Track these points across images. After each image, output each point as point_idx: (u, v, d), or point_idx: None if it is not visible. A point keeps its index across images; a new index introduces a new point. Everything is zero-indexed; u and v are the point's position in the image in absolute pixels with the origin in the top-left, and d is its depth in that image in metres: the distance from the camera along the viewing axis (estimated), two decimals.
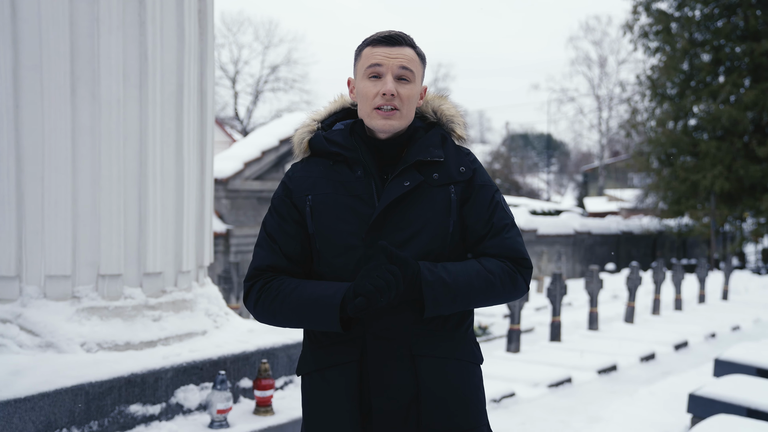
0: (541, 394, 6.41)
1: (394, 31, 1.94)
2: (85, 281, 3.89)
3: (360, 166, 1.93)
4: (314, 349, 1.94)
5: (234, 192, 12.51)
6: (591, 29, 46.36)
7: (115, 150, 3.91)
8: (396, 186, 1.88)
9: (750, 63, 20.58)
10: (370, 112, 1.91)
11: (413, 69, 1.92)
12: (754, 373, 5.68)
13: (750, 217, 22.37)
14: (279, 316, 1.88)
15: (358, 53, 1.98)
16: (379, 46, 1.92)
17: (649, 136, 23.07)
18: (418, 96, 1.96)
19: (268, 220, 1.98)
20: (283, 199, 1.97)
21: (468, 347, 1.94)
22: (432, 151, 1.93)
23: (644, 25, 22.75)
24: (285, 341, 4.37)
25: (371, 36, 1.96)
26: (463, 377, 1.91)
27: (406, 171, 1.90)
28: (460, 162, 1.97)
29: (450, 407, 1.87)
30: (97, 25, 3.87)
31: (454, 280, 1.83)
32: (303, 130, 2.03)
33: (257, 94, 40.05)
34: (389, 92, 1.88)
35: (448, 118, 2.05)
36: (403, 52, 1.92)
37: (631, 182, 43.22)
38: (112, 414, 3.54)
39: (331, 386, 1.88)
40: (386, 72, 1.90)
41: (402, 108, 1.91)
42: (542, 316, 11.83)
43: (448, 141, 2.01)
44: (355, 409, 1.86)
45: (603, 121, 42.46)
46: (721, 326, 10.45)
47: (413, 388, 1.86)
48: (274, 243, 1.93)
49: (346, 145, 1.95)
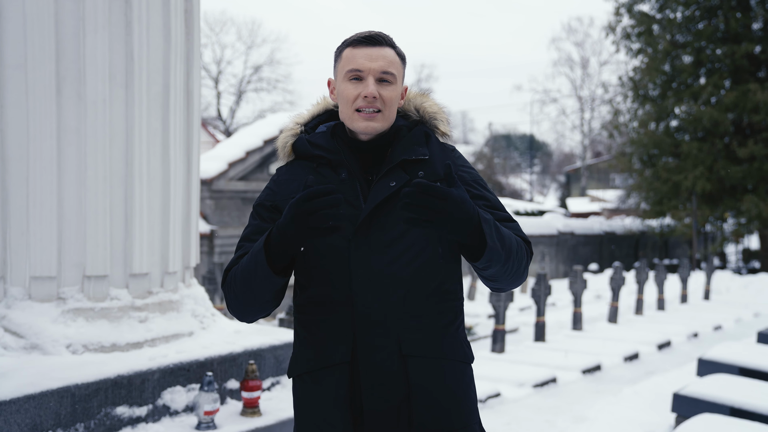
0: (527, 394, 6.43)
1: (374, 32, 1.93)
2: (70, 282, 3.86)
3: (344, 169, 1.91)
4: (304, 350, 1.93)
5: (218, 192, 12.46)
6: (573, 30, 46.70)
7: (101, 150, 3.88)
8: (382, 187, 1.87)
9: (730, 65, 20.77)
10: (351, 114, 1.90)
11: (394, 71, 1.91)
12: (736, 373, 5.74)
13: (731, 218, 22.58)
14: (240, 296, 1.85)
15: (338, 55, 1.96)
16: (359, 48, 1.90)
17: (632, 137, 23.23)
18: (399, 97, 1.95)
19: (248, 224, 1.98)
20: (264, 204, 1.96)
21: (459, 346, 1.93)
22: (416, 150, 1.93)
23: (626, 27, 22.90)
24: (272, 342, 4.36)
25: (351, 37, 1.94)
26: (454, 376, 1.90)
27: (392, 171, 1.89)
28: (446, 159, 1.96)
29: (441, 406, 1.87)
30: (82, 25, 3.84)
31: (500, 228, 1.79)
32: (286, 134, 2.03)
33: (240, 94, 39.91)
34: (371, 95, 1.87)
35: (430, 116, 2.04)
36: (384, 53, 1.90)
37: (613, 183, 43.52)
38: (99, 416, 3.51)
39: (322, 388, 1.88)
40: (367, 75, 1.88)
41: (384, 110, 1.90)
42: (526, 317, 11.89)
43: (432, 138, 2.00)
44: (347, 410, 1.86)
45: (585, 122, 42.75)
46: (704, 326, 10.55)
47: (404, 388, 1.85)
48: (251, 244, 1.92)
49: (328, 148, 1.93)
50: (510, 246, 1.80)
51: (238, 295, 1.86)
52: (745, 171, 19.99)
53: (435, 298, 1.89)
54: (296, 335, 1.97)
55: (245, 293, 1.84)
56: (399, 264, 1.85)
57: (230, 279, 1.89)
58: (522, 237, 1.93)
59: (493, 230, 1.74)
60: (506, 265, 1.80)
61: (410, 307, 1.86)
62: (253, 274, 1.79)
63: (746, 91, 19.67)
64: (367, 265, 1.84)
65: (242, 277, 1.83)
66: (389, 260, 1.85)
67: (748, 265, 24.61)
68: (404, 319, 1.86)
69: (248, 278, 1.81)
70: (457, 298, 1.96)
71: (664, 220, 23.89)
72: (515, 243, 1.84)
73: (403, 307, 1.85)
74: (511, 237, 1.83)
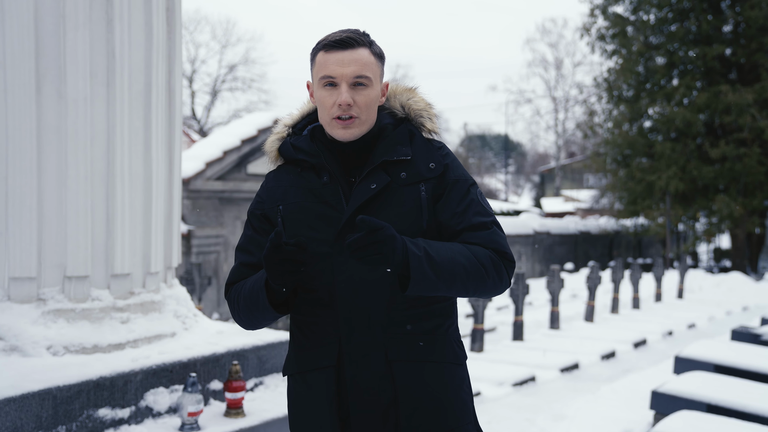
0: (506, 393, 6.47)
1: (346, 33, 1.87)
2: (51, 283, 3.81)
3: (326, 172, 1.90)
4: (297, 350, 1.94)
5: (195, 192, 12.37)
6: (547, 32, 47.01)
7: (82, 149, 3.84)
8: (363, 189, 1.85)
9: (702, 66, 21.04)
10: (329, 121, 1.88)
11: (368, 74, 1.86)
12: (712, 370, 5.82)
13: (703, 217, 22.89)
14: (244, 317, 1.93)
15: (312, 58, 1.92)
16: (332, 52, 1.85)
17: (606, 138, 23.45)
18: (377, 98, 1.91)
19: (243, 233, 1.99)
20: (254, 213, 1.98)
21: (448, 348, 1.91)
22: (399, 150, 1.89)
23: (601, 28, 23.10)
24: (255, 342, 4.34)
25: (324, 39, 1.89)
26: (442, 379, 1.89)
27: (373, 173, 1.87)
28: (431, 158, 1.92)
29: (429, 409, 1.86)
30: (63, 22, 3.79)
31: (438, 253, 1.76)
32: (273, 138, 2.00)
33: (215, 94, 39.63)
34: (345, 102, 1.83)
35: (416, 113, 2.00)
36: (356, 57, 1.85)
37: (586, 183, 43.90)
38: (81, 418, 3.47)
39: (312, 389, 1.88)
40: (340, 81, 1.84)
41: (361, 115, 1.86)
42: (504, 316, 11.95)
43: (416, 137, 1.96)
44: (334, 412, 1.86)
45: (559, 123, 43.04)
46: (678, 324, 10.68)
47: (390, 392, 1.84)
48: (246, 255, 1.96)
49: (310, 152, 1.91)
50: (452, 273, 1.76)
51: (242, 316, 1.93)
52: (717, 171, 20.28)
53: (421, 301, 1.87)
54: (291, 334, 1.98)
55: (249, 317, 1.91)
56: (381, 268, 1.81)
57: (233, 299, 1.94)
58: (495, 248, 1.87)
59: (423, 263, 1.72)
60: (451, 290, 1.78)
61: (395, 312, 1.84)
62: (254, 306, 1.86)
63: (717, 93, 19.95)
64: (350, 269, 1.83)
65: (245, 306, 1.89)
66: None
67: (719, 264, 24.98)
68: (389, 323, 1.84)
69: (251, 308, 1.88)
70: (445, 300, 1.93)
71: (638, 219, 24.15)
72: (469, 265, 1.79)
73: (387, 311, 1.84)
74: (458, 262, 1.77)
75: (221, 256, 13.16)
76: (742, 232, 21.32)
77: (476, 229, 1.87)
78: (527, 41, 48.06)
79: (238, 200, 13.49)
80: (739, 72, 21.59)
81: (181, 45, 4.55)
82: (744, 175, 19.95)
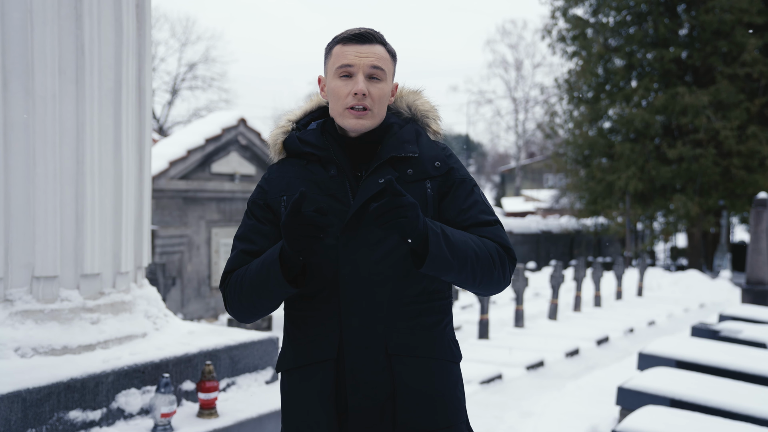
0: (474, 391, 6.52)
1: (365, 29, 1.93)
2: (18, 284, 3.73)
3: (333, 165, 1.92)
4: (293, 346, 1.93)
5: (159, 191, 12.21)
6: (507, 33, 47.46)
7: (50, 147, 3.76)
8: (370, 184, 1.87)
9: (660, 69, 21.46)
10: (342, 111, 1.90)
11: (384, 67, 1.92)
12: (674, 365, 5.94)
13: (660, 216, 23.35)
14: (245, 302, 1.88)
15: (328, 51, 1.96)
16: (350, 45, 1.90)
17: (567, 138, 23.77)
18: (389, 94, 1.96)
19: (242, 223, 1.98)
20: (257, 202, 1.97)
21: (446, 345, 1.94)
22: (406, 147, 1.93)
23: (562, 30, 23.41)
24: (227, 342, 4.30)
25: (341, 34, 1.94)
26: (440, 375, 1.91)
27: (380, 168, 1.90)
28: (436, 157, 1.97)
29: (426, 406, 1.88)
30: (30, 17, 3.72)
31: (452, 234, 1.79)
32: (277, 132, 2.02)
33: (174, 92, 39.16)
34: (360, 92, 1.87)
35: (422, 113, 2.05)
36: (374, 50, 1.91)
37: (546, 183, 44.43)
38: (51, 421, 3.41)
39: (308, 384, 1.88)
40: (357, 71, 1.89)
41: (373, 107, 1.90)
42: (469, 315, 12.03)
43: (422, 136, 2.00)
44: (332, 407, 1.86)
45: (519, 123, 43.49)
46: (638, 321, 10.88)
47: (389, 386, 1.86)
48: (248, 244, 1.93)
49: (318, 145, 1.93)
50: (465, 254, 1.78)
51: (243, 299, 1.88)
52: (674, 171, 20.70)
53: (422, 296, 1.90)
54: (286, 330, 1.97)
55: (252, 299, 1.86)
56: (386, 262, 1.86)
57: (234, 283, 1.89)
58: (501, 243, 1.91)
59: (441, 240, 1.74)
60: (462, 274, 1.79)
61: (397, 306, 1.87)
62: (262, 285, 1.81)
63: (675, 95, 20.37)
64: (355, 262, 1.85)
65: (250, 287, 1.84)
66: (377, 258, 1.85)
67: (676, 263, 25.51)
68: (391, 317, 1.86)
69: (258, 288, 1.83)
70: (445, 297, 1.96)
71: (598, 219, 24.53)
72: (480, 252, 1.82)
73: (389, 305, 1.86)
74: (470, 245, 1.81)
75: (185, 256, 13.02)
76: (698, 231, 21.80)
77: (482, 225, 1.92)
78: (488, 42, 48.52)
79: (202, 200, 13.36)
80: (694, 75, 22.07)
81: (150, 42, 4.49)
82: (700, 176, 20.40)
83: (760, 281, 10.54)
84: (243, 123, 13.80)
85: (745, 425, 4.19)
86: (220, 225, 13.68)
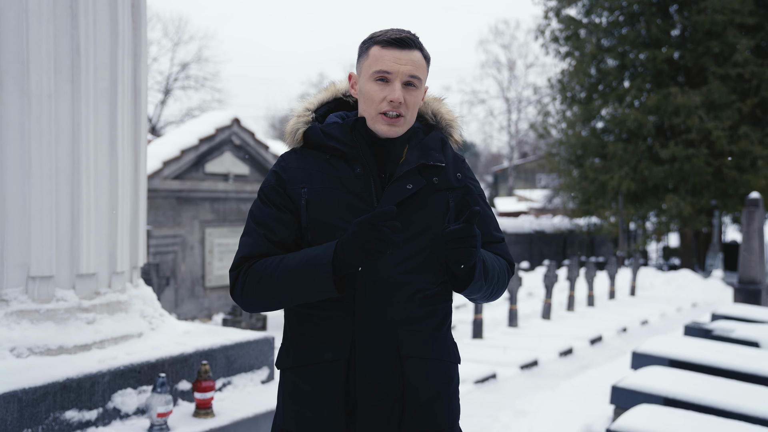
0: (468, 390, 6.54)
1: (404, 33, 1.91)
2: (13, 284, 3.73)
3: (359, 164, 1.90)
4: (299, 344, 1.92)
5: (153, 191, 12.18)
6: (500, 33, 47.60)
7: (46, 147, 3.76)
8: (399, 188, 1.87)
9: (652, 69, 21.54)
10: (374, 115, 1.89)
11: (421, 76, 1.91)
12: (667, 364, 5.97)
13: (653, 216, 23.43)
14: (268, 293, 1.83)
15: (364, 50, 1.93)
16: (389, 49, 1.88)
17: (560, 138, 23.83)
18: (421, 100, 1.96)
19: (258, 209, 1.93)
20: (276, 189, 1.92)
21: (450, 348, 1.97)
22: (434, 155, 1.93)
23: (555, 30, 23.46)
24: (223, 342, 4.31)
25: (380, 35, 1.91)
26: (447, 378, 1.94)
27: (409, 174, 1.89)
28: (457, 168, 1.99)
29: (433, 407, 1.90)
30: (26, 17, 3.71)
31: (485, 257, 1.90)
32: (297, 120, 1.99)
33: (167, 92, 39.05)
34: (397, 100, 1.86)
35: (447, 122, 2.05)
36: (413, 58, 1.89)
37: (539, 183, 44.52)
38: (47, 421, 3.41)
39: (316, 383, 1.87)
40: (395, 78, 1.87)
41: (407, 114, 1.90)
42: (462, 314, 12.06)
43: (447, 146, 2.01)
44: (340, 406, 1.86)
45: (512, 123, 43.56)
46: (631, 321, 10.92)
47: (399, 387, 1.87)
48: (268, 231, 1.88)
49: (345, 141, 1.91)
50: (492, 276, 1.90)
51: (268, 290, 1.83)
52: (667, 171, 20.78)
53: (431, 299, 1.92)
54: (290, 329, 1.95)
55: (281, 293, 1.82)
56: (406, 266, 1.87)
57: (260, 272, 1.84)
58: (508, 260, 2.04)
59: (481, 265, 1.84)
60: (485, 290, 1.91)
61: (411, 309, 1.88)
62: (302, 282, 1.78)
63: (667, 95, 20.44)
64: (374, 266, 1.84)
65: (289, 279, 1.80)
66: (396, 262, 1.86)
67: (668, 262, 25.61)
68: (405, 320, 1.87)
69: (298, 283, 1.79)
70: (448, 299, 1.99)
71: (591, 219, 24.60)
72: (498, 271, 1.94)
73: (405, 308, 1.87)
74: (495, 266, 1.93)
75: (179, 256, 13.00)
76: (690, 230, 21.89)
77: (495, 242, 2.01)
78: (480, 42, 48.61)
79: (196, 200, 13.34)
80: (687, 75, 22.16)
81: (146, 42, 4.49)
82: (692, 176, 20.49)
83: (752, 280, 10.59)
84: (237, 123, 13.78)
85: (738, 423, 4.22)
86: (213, 225, 13.67)
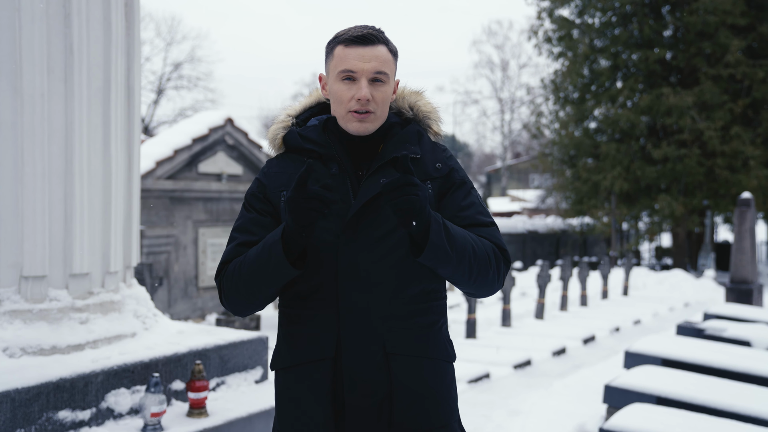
0: (462, 390, 6.54)
1: (367, 29, 1.91)
2: (6, 283, 3.71)
3: (335, 163, 1.91)
4: (289, 344, 1.92)
5: (146, 191, 12.15)
6: (493, 33, 47.68)
7: (39, 146, 3.75)
8: (372, 184, 1.87)
9: (645, 70, 21.61)
10: (344, 114, 1.90)
11: (387, 70, 1.90)
12: (659, 364, 5.99)
13: (645, 216, 23.51)
14: (242, 288, 1.85)
15: (329, 51, 1.94)
16: (352, 47, 1.87)
17: (553, 139, 23.88)
18: (391, 94, 1.95)
19: (241, 216, 1.96)
20: (256, 195, 1.95)
21: (442, 345, 1.95)
22: (408, 148, 1.93)
23: (548, 31, 23.52)
24: (216, 342, 4.30)
25: (342, 33, 1.91)
26: (437, 375, 1.92)
27: (382, 168, 1.89)
28: (437, 158, 1.98)
29: (422, 405, 1.89)
30: (18, 15, 3.70)
31: (452, 228, 1.80)
32: (277, 126, 2.01)
33: (160, 92, 38.96)
34: (365, 98, 1.86)
35: (424, 114, 2.05)
36: (377, 53, 1.88)
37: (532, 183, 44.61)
38: (40, 421, 3.40)
39: (305, 382, 1.88)
40: (360, 77, 1.87)
41: (377, 110, 1.90)
42: (455, 314, 12.07)
43: (424, 137, 2.01)
44: (329, 405, 1.86)
45: (505, 124, 43.63)
46: (624, 320, 10.95)
47: (386, 385, 1.86)
48: (247, 234, 1.91)
49: (319, 142, 1.93)
50: (464, 249, 1.79)
51: (241, 287, 1.85)
52: (659, 172, 20.85)
53: (420, 296, 1.90)
54: (281, 329, 1.96)
55: (250, 285, 1.83)
56: (386, 262, 1.86)
57: (232, 271, 1.87)
58: (497, 243, 1.93)
59: (441, 230, 1.75)
60: (459, 268, 1.80)
61: (396, 305, 1.87)
62: (263, 268, 1.79)
63: (659, 95, 20.52)
64: (355, 261, 1.85)
65: (250, 272, 1.82)
66: (377, 257, 1.86)
67: (661, 262, 25.69)
68: (389, 317, 1.86)
69: (258, 272, 1.80)
70: (441, 297, 1.97)
71: (584, 219, 24.66)
72: (477, 249, 1.83)
73: (388, 305, 1.86)
74: (469, 241, 1.82)
75: (172, 257, 12.97)
76: (682, 230, 21.97)
77: (479, 225, 1.93)
78: (474, 43, 48.71)
79: (189, 200, 13.31)
80: (679, 75, 22.25)
81: (140, 41, 4.48)
82: (685, 176, 20.56)
83: (743, 280, 10.64)
84: (230, 123, 13.77)
85: (731, 422, 4.24)
86: (207, 225, 13.64)
